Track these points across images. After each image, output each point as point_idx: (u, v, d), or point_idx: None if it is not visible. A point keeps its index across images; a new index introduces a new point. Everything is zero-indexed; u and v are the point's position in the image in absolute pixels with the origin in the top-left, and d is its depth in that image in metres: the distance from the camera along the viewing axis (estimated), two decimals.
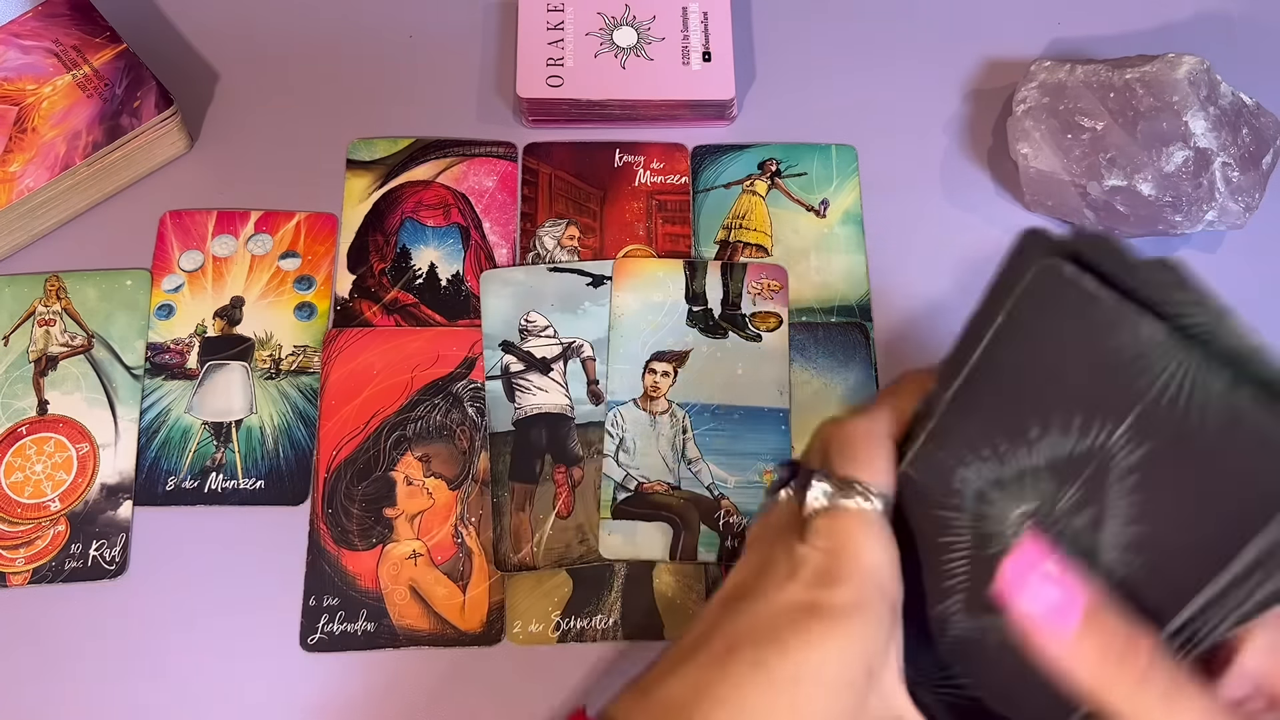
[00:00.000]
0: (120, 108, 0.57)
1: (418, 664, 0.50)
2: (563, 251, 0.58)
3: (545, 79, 0.60)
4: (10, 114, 0.57)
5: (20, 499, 0.52)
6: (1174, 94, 0.54)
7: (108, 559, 0.51)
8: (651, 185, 0.60)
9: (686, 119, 0.61)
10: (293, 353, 0.56)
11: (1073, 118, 0.56)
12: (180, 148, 0.60)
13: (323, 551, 0.52)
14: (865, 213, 0.59)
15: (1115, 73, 0.56)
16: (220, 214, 0.59)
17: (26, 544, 0.52)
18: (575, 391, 0.55)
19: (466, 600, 0.51)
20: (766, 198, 0.60)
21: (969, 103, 0.63)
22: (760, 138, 0.61)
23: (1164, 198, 0.54)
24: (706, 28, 0.61)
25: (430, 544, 0.52)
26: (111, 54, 0.58)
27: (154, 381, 0.55)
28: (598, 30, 0.61)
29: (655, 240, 0.58)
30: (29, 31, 0.59)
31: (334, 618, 0.50)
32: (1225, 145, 0.54)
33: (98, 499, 0.52)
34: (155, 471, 0.53)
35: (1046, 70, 0.58)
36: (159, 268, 0.57)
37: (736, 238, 0.58)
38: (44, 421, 0.54)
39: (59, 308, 0.56)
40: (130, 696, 0.49)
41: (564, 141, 0.61)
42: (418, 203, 0.59)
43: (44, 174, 0.55)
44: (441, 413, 0.54)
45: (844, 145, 0.61)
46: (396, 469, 0.53)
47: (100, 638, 0.50)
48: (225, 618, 0.51)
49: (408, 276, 0.57)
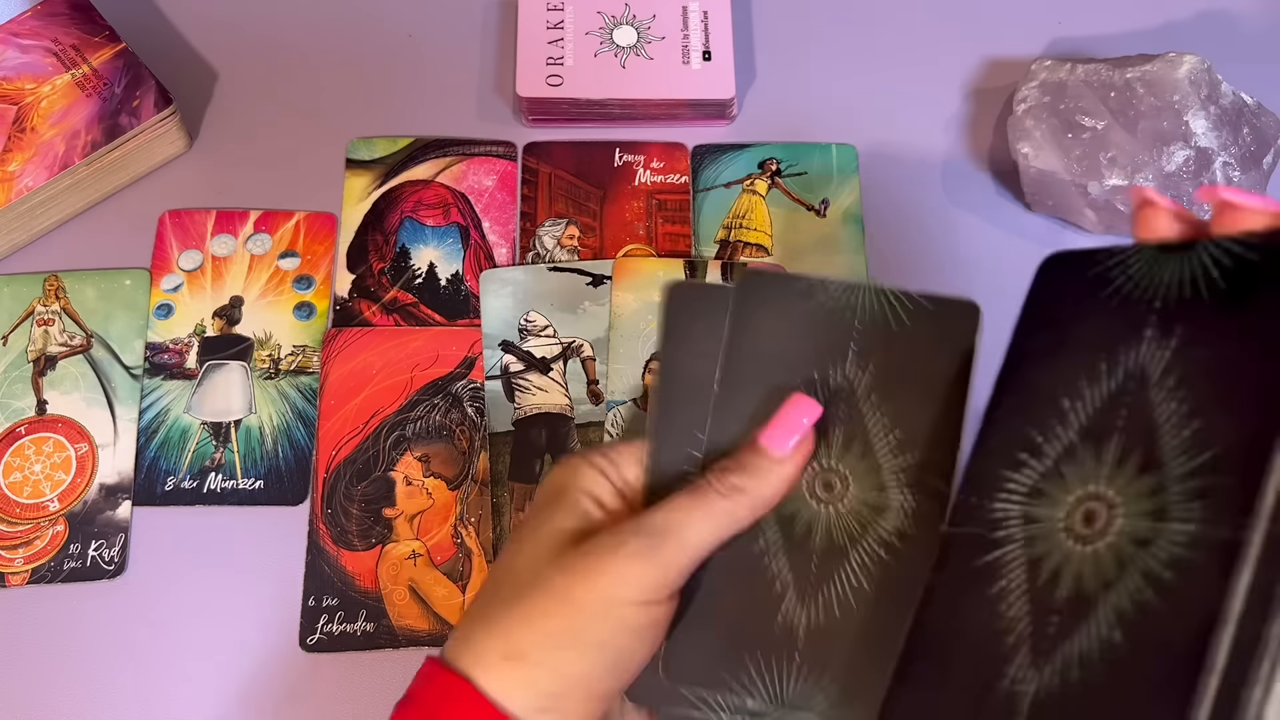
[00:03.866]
0: (119, 107, 0.57)
1: (417, 664, 0.50)
2: (562, 251, 0.58)
3: (545, 78, 0.60)
4: (9, 113, 0.56)
5: (19, 499, 0.52)
6: (1175, 93, 0.54)
7: (106, 559, 0.51)
8: (651, 185, 0.60)
9: (686, 118, 0.61)
10: (292, 352, 0.56)
11: (1074, 117, 0.56)
12: (179, 147, 0.60)
13: (322, 552, 0.52)
14: (865, 212, 0.59)
15: (1116, 72, 0.56)
16: (219, 213, 0.59)
17: (25, 544, 0.51)
18: (575, 391, 0.55)
19: (466, 600, 0.51)
20: (767, 197, 0.59)
21: (969, 102, 0.63)
22: (760, 137, 0.61)
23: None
24: (706, 27, 0.61)
25: (430, 544, 0.52)
26: (110, 53, 0.58)
27: (153, 381, 0.55)
28: (598, 29, 0.61)
29: (655, 240, 0.58)
30: (28, 31, 0.59)
31: (333, 618, 0.50)
32: (1226, 145, 0.54)
33: (96, 499, 0.52)
34: (154, 471, 0.53)
35: (1047, 69, 0.58)
36: (158, 267, 0.57)
37: (737, 237, 0.58)
38: (43, 421, 0.54)
39: (58, 307, 0.56)
40: (129, 697, 0.49)
41: (564, 141, 0.61)
42: (417, 202, 0.59)
43: (43, 173, 0.55)
44: (441, 413, 0.54)
45: (844, 145, 0.61)
46: (396, 469, 0.53)
47: (99, 638, 0.50)
48: (224, 618, 0.50)
49: (407, 276, 0.57)
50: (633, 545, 0.34)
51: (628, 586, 0.34)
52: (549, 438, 0.54)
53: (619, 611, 0.34)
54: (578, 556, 0.35)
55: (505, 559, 0.37)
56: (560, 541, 0.36)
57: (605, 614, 0.34)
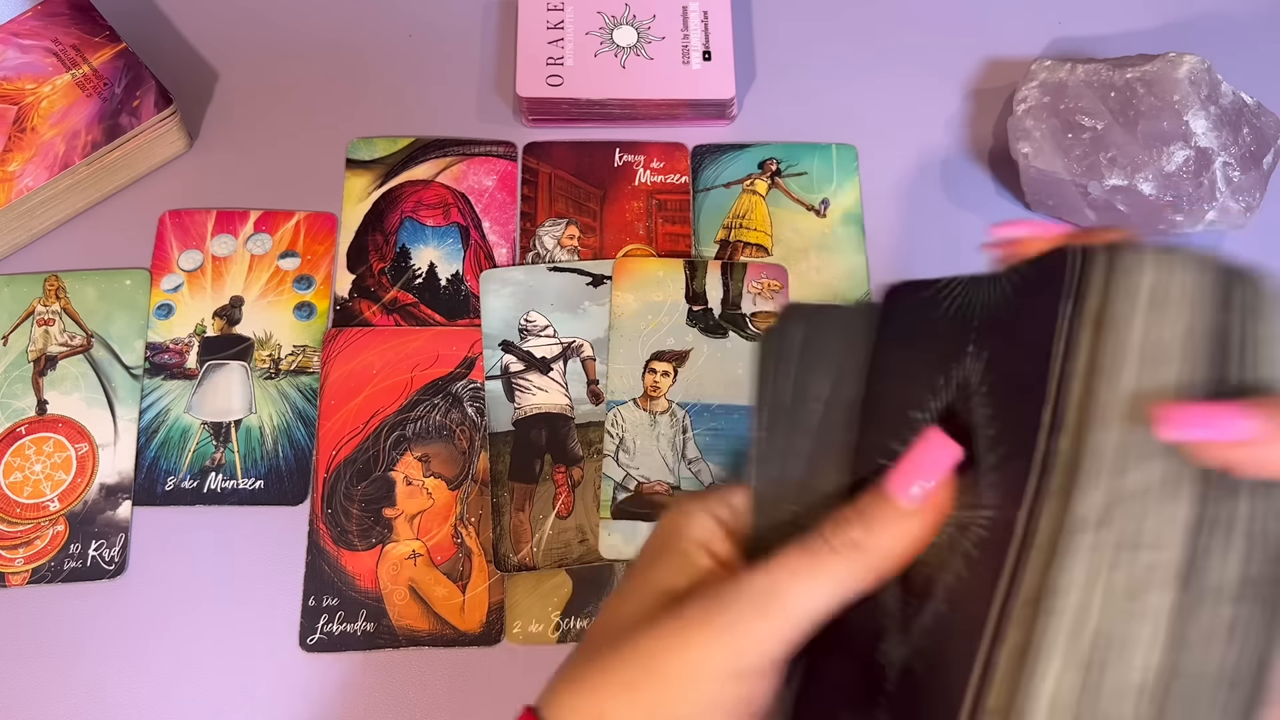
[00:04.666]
0: (119, 107, 0.57)
1: (417, 664, 0.50)
2: (563, 251, 0.58)
3: (545, 78, 0.60)
4: (9, 113, 0.56)
5: (19, 499, 0.52)
6: (1175, 93, 0.54)
7: (107, 559, 0.51)
8: (651, 185, 0.60)
9: (686, 118, 0.61)
10: (292, 352, 0.56)
11: (1074, 117, 0.56)
12: (179, 147, 0.60)
13: (322, 552, 0.52)
14: (865, 213, 0.59)
15: (1116, 72, 0.56)
16: (219, 213, 0.59)
17: (25, 544, 0.51)
18: (575, 391, 0.55)
19: (466, 600, 0.51)
20: (767, 197, 0.59)
21: (970, 102, 0.63)
22: (760, 137, 0.61)
23: (1165, 197, 0.54)
24: (706, 27, 0.61)
25: (430, 544, 0.52)
26: (111, 53, 0.58)
27: (153, 381, 0.55)
28: (598, 29, 0.61)
29: (655, 240, 0.58)
30: (28, 31, 0.59)
31: (333, 618, 0.50)
32: (1226, 145, 0.54)
33: (97, 499, 0.52)
34: (154, 471, 0.53)
35: (1047, 69, 0.58)
36: (158, 267, 0.57)
37: (737, 237, 0.58)
38: (43, 421, 0.54)
39: (58, 307, 0.56)
40: (129, 697, 0.49)
41: (564, 141, 0.61)
42: (417, 202, 0.59)
43: (43, 173, 0.55)
44: (441, 413, 0.54)
45: (844, 145, 0.61)
46: (396, 469, 0.53)
47: (99, 638, 0.50)
48: (224, 618, 0.50)
49: (407, 276, 0.57)
50: (729, 613, 0.30)
51: (720, 659, 0.30)
52: (549, 438, 0.54)
53: (709, 686, 0.30)
54: (670, 619, 0.31)
55: (609, 609, 0.34)
56: (661, 598, 0.32)
57: (694, 687, 0.30)
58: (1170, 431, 0.26)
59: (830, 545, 0.30)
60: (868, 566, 0.30)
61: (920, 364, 0.33)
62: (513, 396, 0.54)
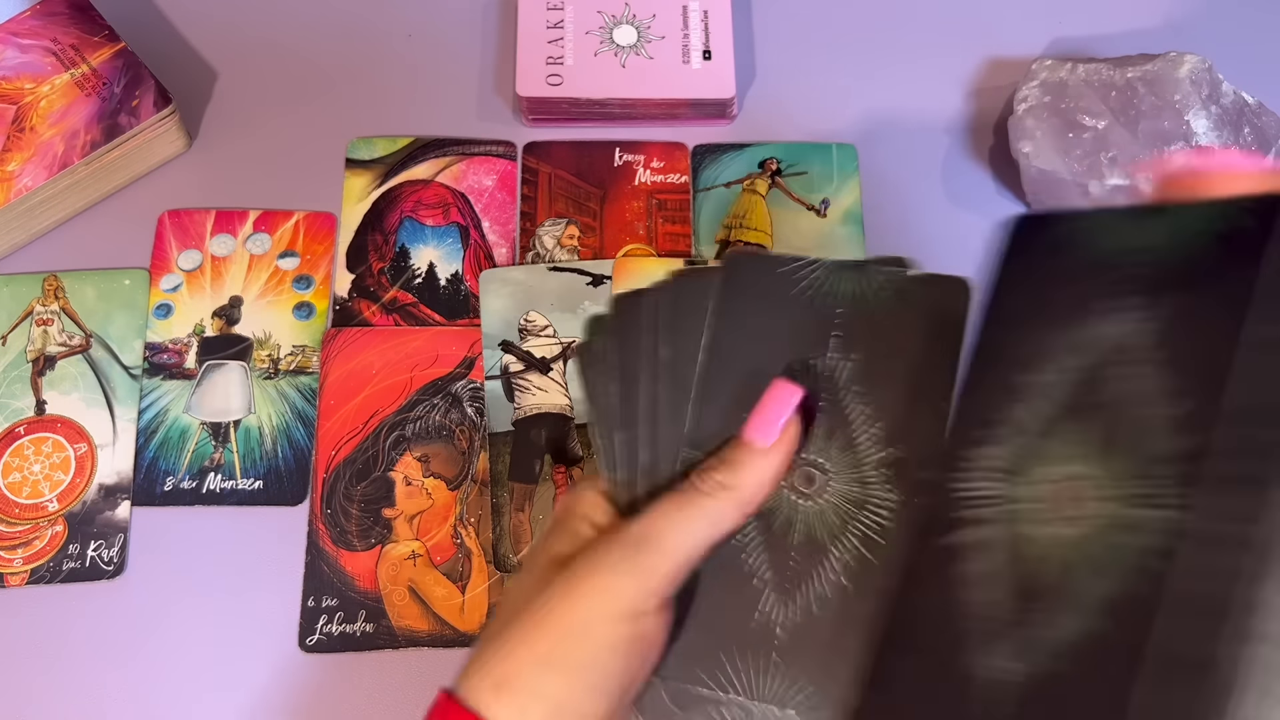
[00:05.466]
0: (119, 106, 0.57)
1: (417, 665, 0.50)
2: (562, 251, 0.58)
3: (545, 78, 0.59)
4: (9, 113, 0.56)
5: (18, 499, 0.52)
6: (1176, 93, 0.54)
7: (106, 559, 0.51)
8: (651, 184, 0.60)
9: (687, 118, 0.61)
10: (291, 352, 0.55)
11: (1074, 116, 0.56)
12: (179, 147, 0.60)
13: (321, 552, 0.51)
14: (866, 212, 0.59)
15: (1117, 71, 0.56)
16: (219, 213, 0.59)
17: (24, 544, 0.51)
18: (575, 391, 0.55)
19: (465, 601, 0.51)
20: (767, 197, 0.59)
21: (970, 101, 0.63)
22: (760, 137, 0.61)
23: None
24: (707, 26, 0.61)
25: (429, 544, 0.52)
26: (110, 53, 0.58)
27: (152, 381, 0.55)
28: (598, 29, 0.61)
29: (655, 239, 0.58)
30: (27, 30, 0.59)
31: (333, 618, 0.50)
32: (1227, 144, 0.54)
33: (96, 499, 0.52)
34: (153, 472, 0.53)
35: (1048, 69, 0.58)
36: (157, 267, 0.57)
37: (737, 237, 0.58)
38: (42, 421, 0.54)
39: (57, 307, 0.56)
40: (128, 697, 0.49)
41: (564, 140, 0.61)
42: (417, 202, 0.59)
43: (42, 173, 0.55)
44: (440, 413, 0.54)
45: (844, 144, 0.61)
46: (395, 469, 0.53)
47: (98, 638, 0.50)
48: (223, 618, 0.50)
49: (407, 276, 0.57)
50: (610, 558, 0.33)
51: (606, 603, 0.33)
52: (549, 438, 0.54)
53: (600, 629, 0.32)
54: (559, 579, 0.34)
55: (512, 588, 0.37)
56: (553, 566, 0.35)
57: (586, 633, 0.32)
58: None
59: (700, 489, 0.34)
60: (735, 502, 0.34)
61: (772, 346, 0.37)
62: (512, 396, 0.54)
